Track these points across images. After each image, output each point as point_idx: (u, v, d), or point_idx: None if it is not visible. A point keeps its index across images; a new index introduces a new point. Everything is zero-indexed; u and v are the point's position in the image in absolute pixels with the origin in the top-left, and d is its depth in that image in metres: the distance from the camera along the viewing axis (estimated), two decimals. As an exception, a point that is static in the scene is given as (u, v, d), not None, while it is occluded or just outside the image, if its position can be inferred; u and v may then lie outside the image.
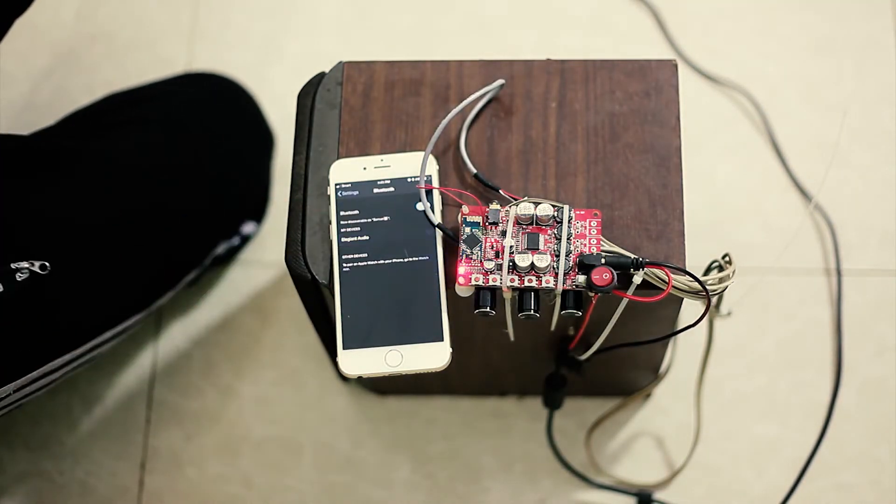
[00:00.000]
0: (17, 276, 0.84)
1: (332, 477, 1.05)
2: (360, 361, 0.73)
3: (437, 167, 0.78)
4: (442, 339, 0.73)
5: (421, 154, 0.77)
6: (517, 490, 1.04)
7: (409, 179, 0.77)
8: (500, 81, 0.80)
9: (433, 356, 0.73)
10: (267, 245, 1.13)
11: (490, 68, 0.82)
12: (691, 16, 1.22)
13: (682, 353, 1.05)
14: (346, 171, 0.77)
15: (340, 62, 0.83)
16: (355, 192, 0.77)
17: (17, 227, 0.86)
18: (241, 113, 1.09)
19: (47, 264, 0.85)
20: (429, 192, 0.76)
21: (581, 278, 0.72)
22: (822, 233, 1.12)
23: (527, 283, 0.73)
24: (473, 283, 0.73)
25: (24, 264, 0.84)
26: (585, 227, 0.74)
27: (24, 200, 0.88)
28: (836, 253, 1.11)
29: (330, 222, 0.76)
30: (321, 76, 0.82)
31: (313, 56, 1.21)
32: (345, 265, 0.75)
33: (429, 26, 1.22)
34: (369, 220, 0.76)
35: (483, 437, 1.06)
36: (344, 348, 0.73)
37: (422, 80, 0.81)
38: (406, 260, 0.75)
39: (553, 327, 0.80)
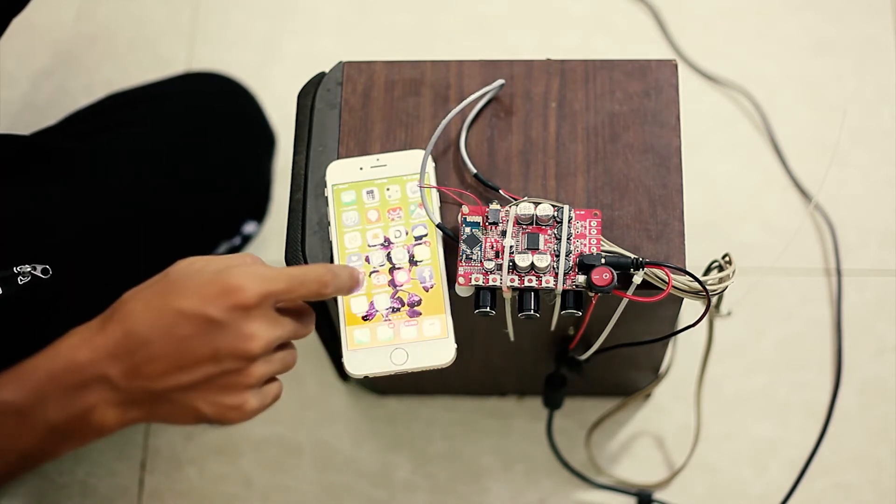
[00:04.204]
0: (18, 280, 0.84)
1: (332, 477, 1.05)
2: (366, 361, 0.73)
3: (433, 165, 0.78)
4: (446, 336, 0.73)
5: (416, 152, 0.77)
6: (517, 490, 1.04)
7: (405, 178, 0.77)
8: (500, 81, 0.80)
9: (438, 353, 0.73)
10: (268, 245, 1.13)
11: (490, 68, 0.82)
12: (691, 16, 1.22)
13: (682, 353, 1.05)
14: (342, 171, 0.78)
15: (340, 62, 0.83)
16: (353, 193, 0.77)
17: (18, 230, 0.86)
18: (242, 113, 1.09)
19: (49, 268, 0.85)
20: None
21: (581, 278, 0.72)
22: (822, 233, 1.12)
23: (527, 283, 0.73)
24: (473, 283, 0.73)
25: (27, 268, 0.84)
26: (585, 227, 0.74)
27: (26, 203, 0.88)
28: (836, 253, 1.11)
29: (329, 223, 0.76)
30: (321, 76, 0.82)
31: (313, 56, 1.21)
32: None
33: (429, 26, 1.22)
34: (368, 219, 0.76)
35: (483, 437, 1.06)
36: (349, 348, 0.73)
37: (422, 80, 0.81)
38: (407, 257, 0.75)
39: (553, 327, 0.80)
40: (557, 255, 0.73)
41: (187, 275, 0.64)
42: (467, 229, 0.74)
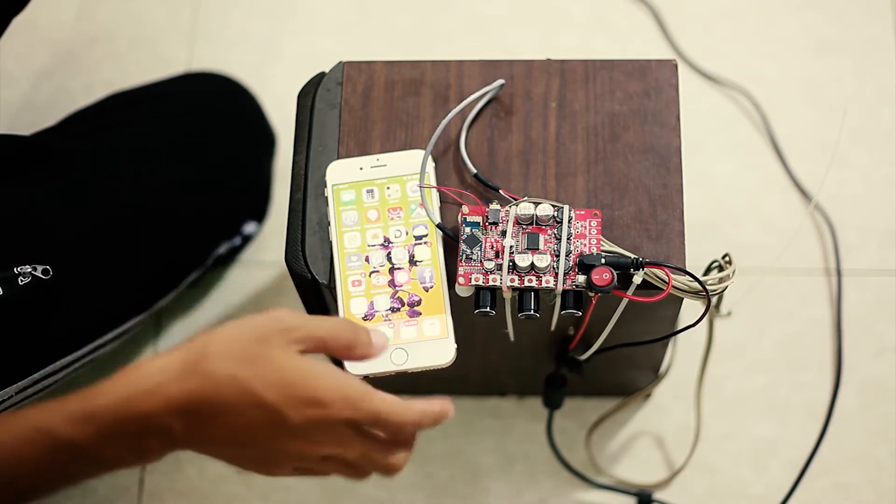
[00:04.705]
0: (19, 280, 0.84)
1: (332, 477, 1.05)
2: (366, 361, 0.73)
3: (433, 165, 0.78)
4: (446, 336, 0.73)
5: (415, 152, 0.78)
6: (517, 490, 1.04)
7: (405, 178, 0.77)
8: (500, 81, 0.80)
9: (438, 353, 0.73)
10: (268, 245, 1.13)
11: (490, 68, 0.82)
12: (691, 16, 1.22)
13: (682, 353, 1.05)
14: (342, 171, 0.78)
15: (340, 62, 0.83)
16: (352, 193, 0.77)
17: (19, 230, 0.86)
18: (242, 113, 1.09)
19: (49, 269, 0.85)
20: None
21: (581, 278, 0.72)
22: (822, 233, 1.12)
23: (527, 283, 0.73)
24: (473, 283, 0.73)
25: (28, 268, 0.84)
26: (585, 227, 0.74)
27: (26, 203, 0.88)
28: (836, 253, 1.11)
29: (329, 223, 0.76)
30: (321, 76, 0.82)
31: (313, 56, 1.21)
32: (346, 265, 0.75)
33: (429, 26, 1.22)
34: (367, 219, 0.76)
35: (483, 437, 1.06)
36: None
37: (422, 80, 0.81)
38: (407, 257, 0.75)
39: (553, 327, 0.80)
40: (557, 255, 0.73)
41: (280, 357, 0.63)
42: (467, 229, 0.74)
